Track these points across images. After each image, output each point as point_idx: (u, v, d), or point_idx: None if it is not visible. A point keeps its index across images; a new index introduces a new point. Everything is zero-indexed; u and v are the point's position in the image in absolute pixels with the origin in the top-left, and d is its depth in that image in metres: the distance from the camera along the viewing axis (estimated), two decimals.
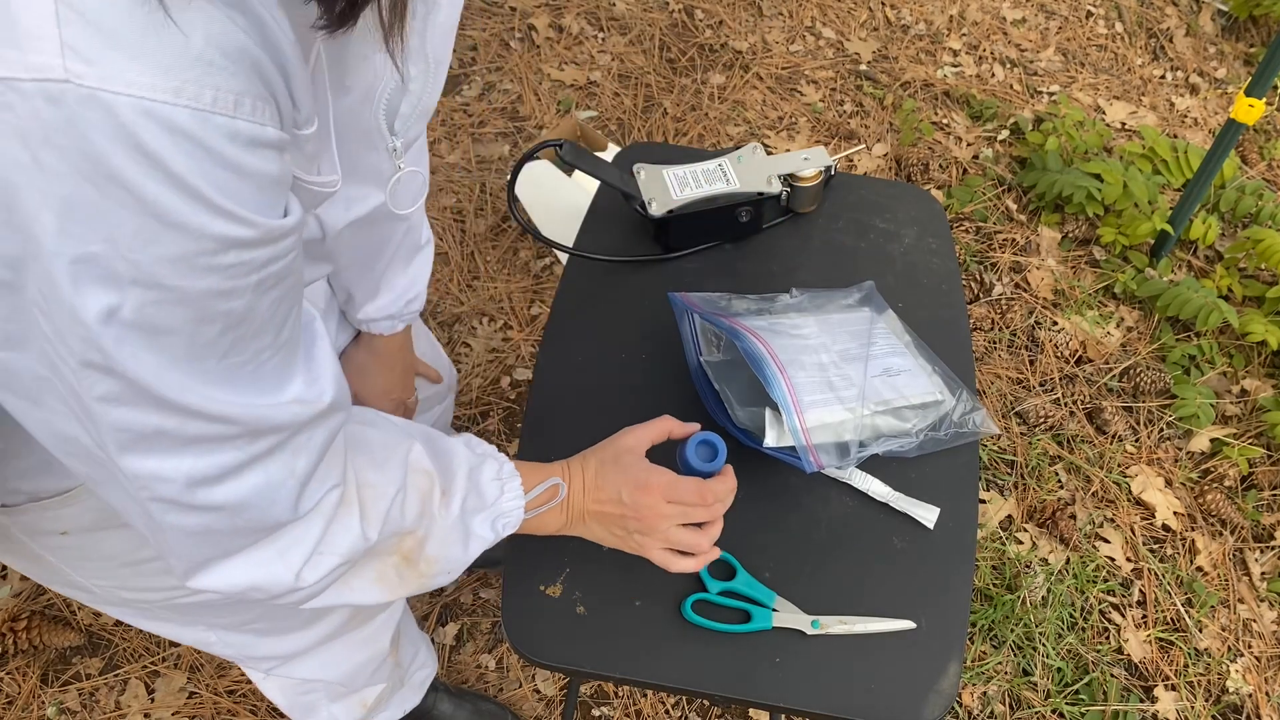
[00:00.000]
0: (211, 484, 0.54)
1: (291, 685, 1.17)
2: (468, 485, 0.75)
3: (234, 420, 0.52)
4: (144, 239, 0.42)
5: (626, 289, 1.18)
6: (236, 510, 0.56)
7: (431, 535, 0.72)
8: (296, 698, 1.19)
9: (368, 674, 1.18)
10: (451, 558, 0.74)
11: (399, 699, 1.36)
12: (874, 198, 1.31)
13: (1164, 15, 3.00)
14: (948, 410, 1.03)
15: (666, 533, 0.82)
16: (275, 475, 0.57)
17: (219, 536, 0.58)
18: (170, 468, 0.51)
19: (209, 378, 0.49)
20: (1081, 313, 2.20)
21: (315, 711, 1.21)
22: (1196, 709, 1.69)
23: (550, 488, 0.81)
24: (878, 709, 0.88)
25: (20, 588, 1.66)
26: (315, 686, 1.17)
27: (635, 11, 2.72)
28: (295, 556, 0.62)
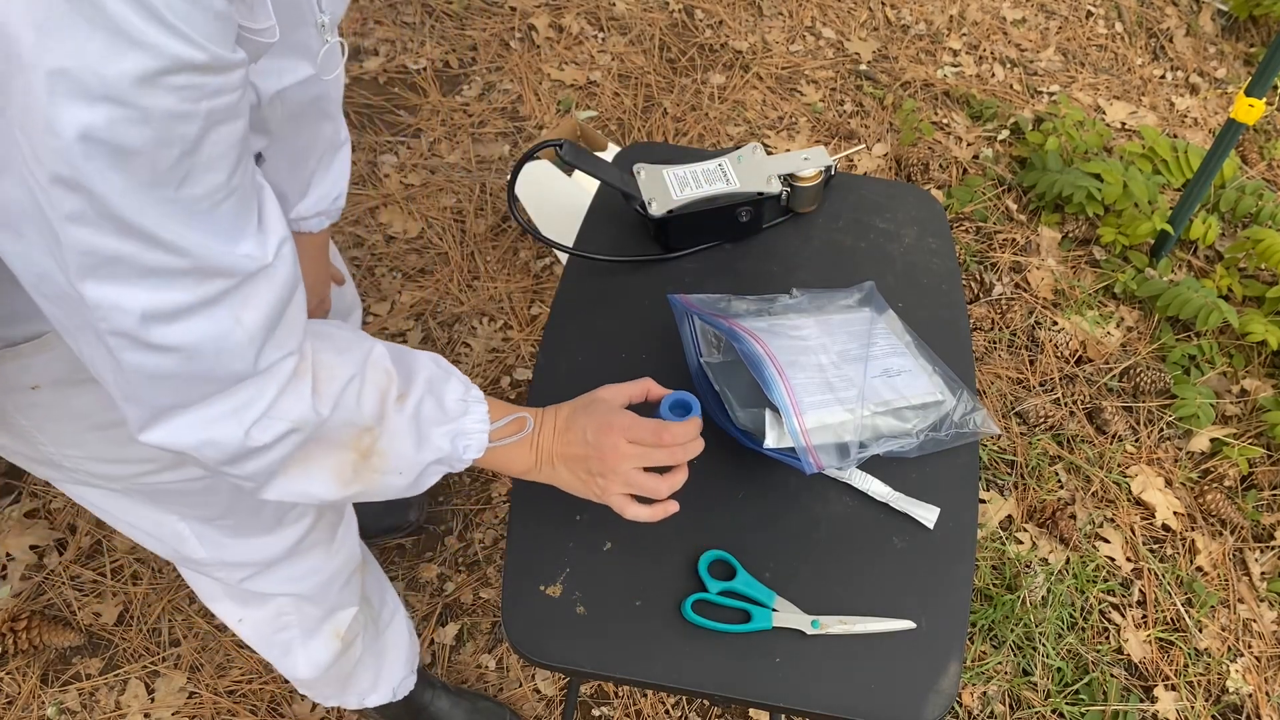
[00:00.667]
0: (165, 321, 0.58)
1: (265, 622, 1.17)
2: (425, 391, 0.77)
3: (187, 253, 0.56)
4: (111, 54, 0.47)
5: (627, 289, 1.18)
6: (190, 354, 0.60)
7: (384, 431, 0.75)
8: (272, 635, 1.19)
9: (338, 588, 1.18)
10: (403, 454, 0.77)
11: (380, 669, 1.35)
12: (874, 198, 1.31)
13: (1164, 15, 3.00)
14: (948, 410, 1.03)
15: (626, 474, 0.84)
16: (223, 323, 0.61)
17: (176, 382, 0.62)
18: (128, 298, 0.56)
19: (168, 209, 0.54)
20: (1081, 313, 2.20)
21: (290, 650, 1.22)
22: (1196, 709, 1.69)
23: (516, 420, 0.84)
24: (878, 709, 0.88)
25: (20, 588, 1.66)
26: (289, 621, 1.17)
27: (635, 11, 2.72)
28: (247, 416, 0.65)
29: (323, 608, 1.18)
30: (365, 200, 2.23)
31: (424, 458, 0.78)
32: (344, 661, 1.26)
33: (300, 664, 1.22)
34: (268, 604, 1.14)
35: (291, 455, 0.71)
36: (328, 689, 1.32)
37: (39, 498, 1.76)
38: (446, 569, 1.74)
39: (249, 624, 1.17)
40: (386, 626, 1.34)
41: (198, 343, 0.61)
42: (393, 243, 2.17)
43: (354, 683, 1.33)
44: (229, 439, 0.66)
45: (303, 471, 0.73)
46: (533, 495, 1.00)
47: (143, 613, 1.66)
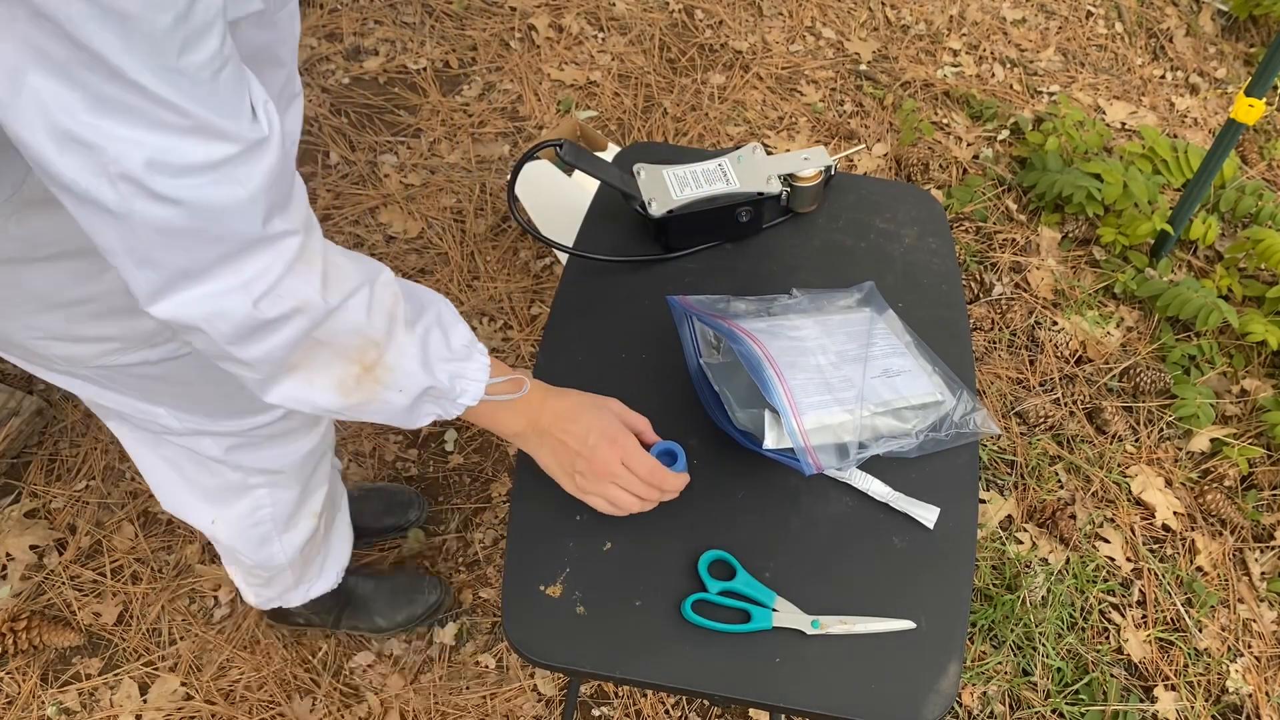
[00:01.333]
0: (172, 174, 0.60)
1: (240, 518, 1.18)
2: (434, 323, 0.81)
3: (191, 115, 0.59)
4: None
5: (626, 289, 1.18)
6: (196, 210, 0.62)
7: (391, 345, 0.78)
8: (247, 530, 1.21)
9: (314, 464, 1.20)
10: (409, 372, 0.79)
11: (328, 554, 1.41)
12: (874, 198, 1.31)
13: (1164, 15, 3.00)
14: (948, 410, 1.03)
15: (606, 489, 0.91)
16: (227, 185, 0.63)
17: (186, 239, 0.64)
18: (136, 138, 0.58)
19: (175, 80, 0.57)
20: (1081, 313, 2.20)
21: (267, 540, 1.24)
22: (1196, 709, 1.69)
23: (513, 380, 0.87)
24: (878, 709, 0.88)
25: (20, 588, 1.66)
26: (264, 515, 1.19)
27: (635, 11, 2.72)
28: (256, 287, 0.68)
29: (299, 488, 1.20)
30: (365, 200, 2.23)
31: (426, 380, 0.81)
32: (312, 542, 1.31)
33: (276, 550, 1.26)
34: (243, 498, 1.16)
35: (298, 347, 0.73)
36: (290, 578, 1.36)
37: (39, 498, 1.76)
38: (446, 569, 1.74)
39: (222, 523, 1.19)
40: (338, 510, 1.39)
41: (204, 200, 0.63)
42: (393, 243, 2.17)
43: (309, 568, 1.38)
44: (238, 309, 0.67)
45: (307, 376, 0.76)
46: (533, 496, 1.00)
47: (142, 613, 1.66)
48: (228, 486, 1.15)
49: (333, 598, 1.54)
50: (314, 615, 1.57)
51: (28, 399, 1.80)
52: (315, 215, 0.77)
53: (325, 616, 1.59)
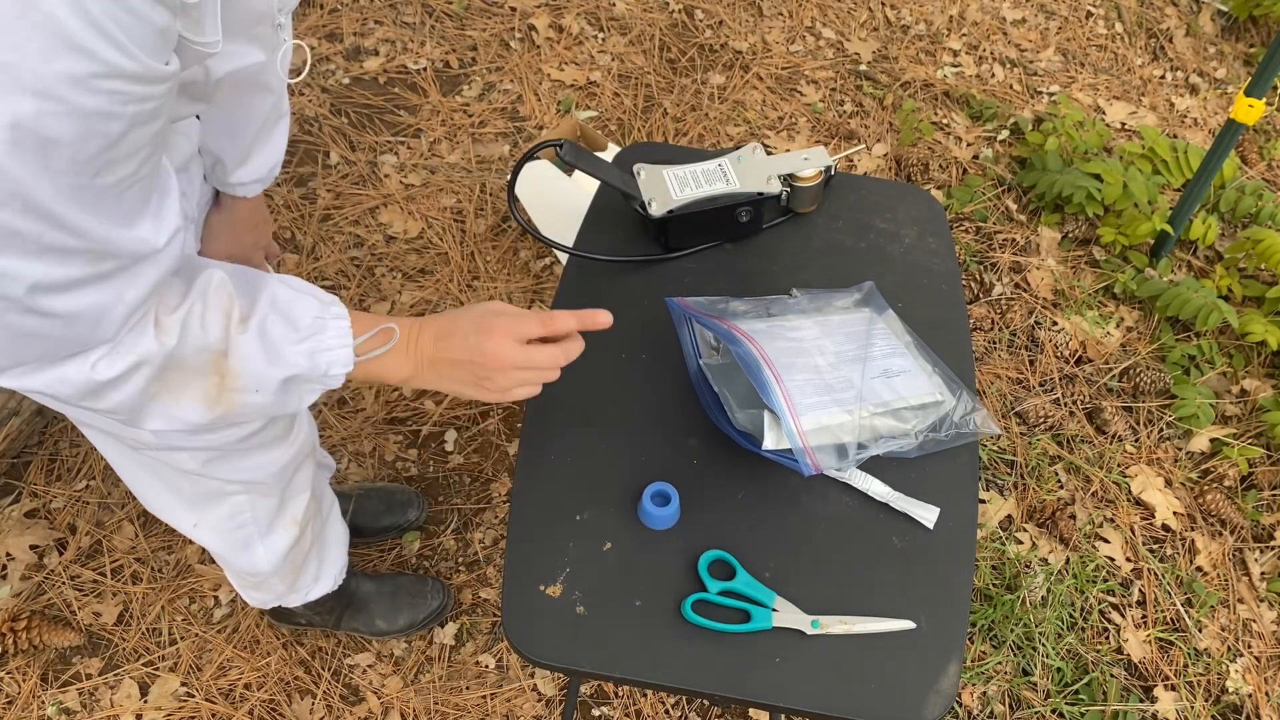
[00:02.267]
0: (54, 293, 0.62)
1: (221, 521, 1.19)
2: (269, 310, 0.79)
3: (87, 235, 0.61)
4: (49, 54, 0.52)
5: (626, 289, 1.18)
6: (70, 321, 0.65)
7: (232, 352, 0.78)
8: (229, 534, 1.21)
9: (292, 473, 1.20)
10: (255, 373, 0.79)
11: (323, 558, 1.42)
12: (874, 198, 1.31)
13: (1164, 15, 3.00)
14: (948, 411, 1.03)
15: (510, 375, 0.87)
16: (108, 297, 0.66)
17: (44, 344, 0.66)
18: (21, 269, 0.60)
19: (78, 195, 0.59)
20: (1081, 313, 2.20)
21: (250, 545, 1.24)
22: (1196, 709, 1.69)
23: (383, 331, 0.84)
24: (878, 709, 0.88)
25: (20, 588, 1.66)
26: (244, 519, 1.19)
27: (635, 11, 2.72)
28: (92, 355, 0.70)
29: (278, 497, 1.21)
30: (365, 200, 2.23)
31: (277, 373, 0.79)
32: (298, 549, 1.31)
33: (260, 556, 1.26)
34: (222, 503, 1.17)
35: (150, 386, 0.74)
36: (280, 585, 1.37)
37: (39, 497, 1.76)
38: (446, 569, 1.74)
39: (204, 527, 1.19)
40: (329, 515, 1.39)
41: (80, 311, 0.65)
42: (393, 243, 2.17)
43: (303, 574, 1.39)
44: (76, 376, 0.70)
45: (172, 400, 0.77)
46: (533, 496, 1.00)
47: (142, 613, 1.66)
48: (206, 493, 1.15)
49: (334, 599, 1.54)
50: (314, 616, 1.57)
51: (28, 399, 1.80)
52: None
53: (326, 617, 1.59)
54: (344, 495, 1.68)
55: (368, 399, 1.92)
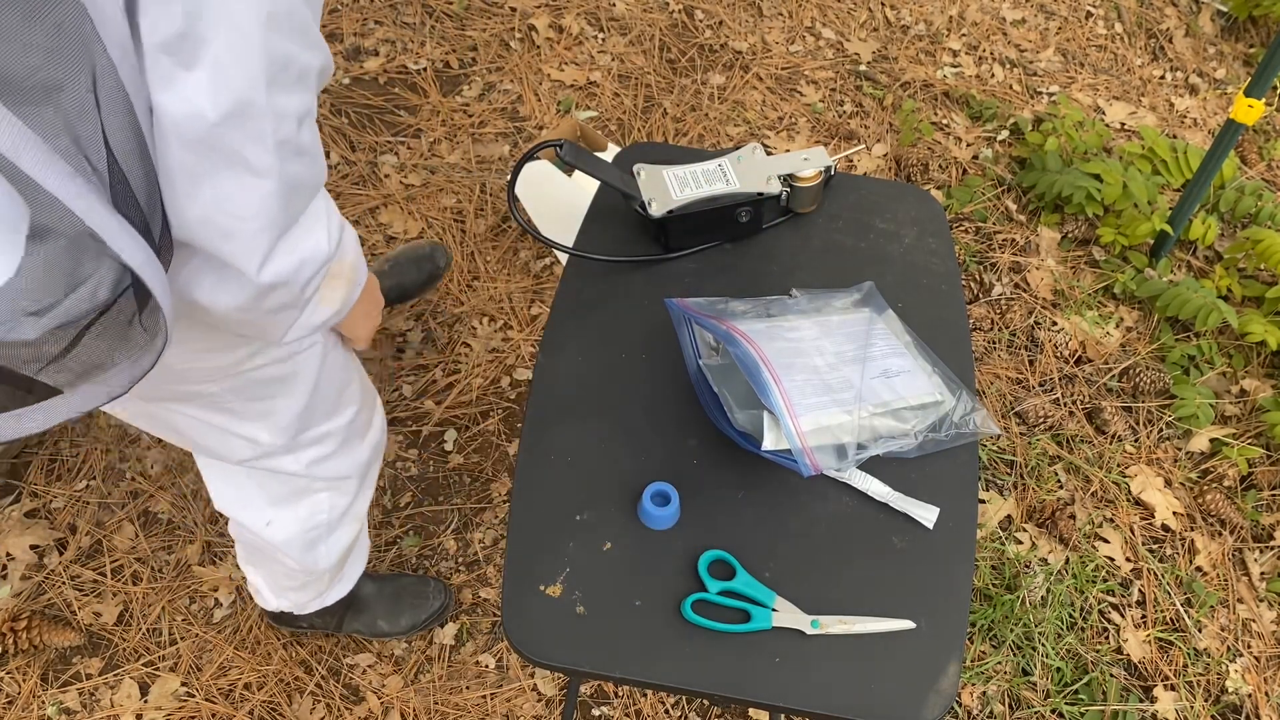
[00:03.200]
0: (304, 122, 0.70)
1: (298, 520, 1.22)
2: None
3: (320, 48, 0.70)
4: None
5: (626, 289, 1.18)
6: (312, 157, 0.73)
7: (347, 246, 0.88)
8: (302, 534, 1.25)
9: (367, 466, 1.26)
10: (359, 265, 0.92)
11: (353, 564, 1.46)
12: (874, 198, 1.31)
13: (1163, 16, 3.00)
14: (947, 411, 1.03)
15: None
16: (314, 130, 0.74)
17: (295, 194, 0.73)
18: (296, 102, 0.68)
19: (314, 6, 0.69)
20: (1081, 313, 2.20)
21: (315, 544, 1.28)
22: (1196, 709, 1.69)
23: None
24: (877, 709, 0.88)
25: (20, 588, 1.66)
26: (320, 519, 1.23)
27: (635, 12, 2.72)
28: (333, 224, 0.81)
29: (354, 495, 1.25)
30: (365, 200, 2.23)
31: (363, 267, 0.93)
32: (353, 548, 1.36)
33: (322, 554, 1.29)
34: (303, 501, 1.21)
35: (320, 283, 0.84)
36: (323, 584, 1.40)
37: (39, 497, 1.76)
38: (446, 569, 1.74)
39: (278, 525, 1.21)
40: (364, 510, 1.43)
41: (312, 143, 0.72)
42: (393, 243, 2.17)
43: (348, 570, 1.43)
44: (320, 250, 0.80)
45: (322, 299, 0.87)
46: (533, 496, 1.00)
47: (143, 613, 1.66)
48: (294, 491, 1.18)
49: (339, 603, 1.54)
50: (317, 619, 1.57)
51: None
52: None
53: (329, 620, 1.58)
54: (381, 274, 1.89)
55: None
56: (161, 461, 1.81)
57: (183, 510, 1.76)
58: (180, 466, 1.81)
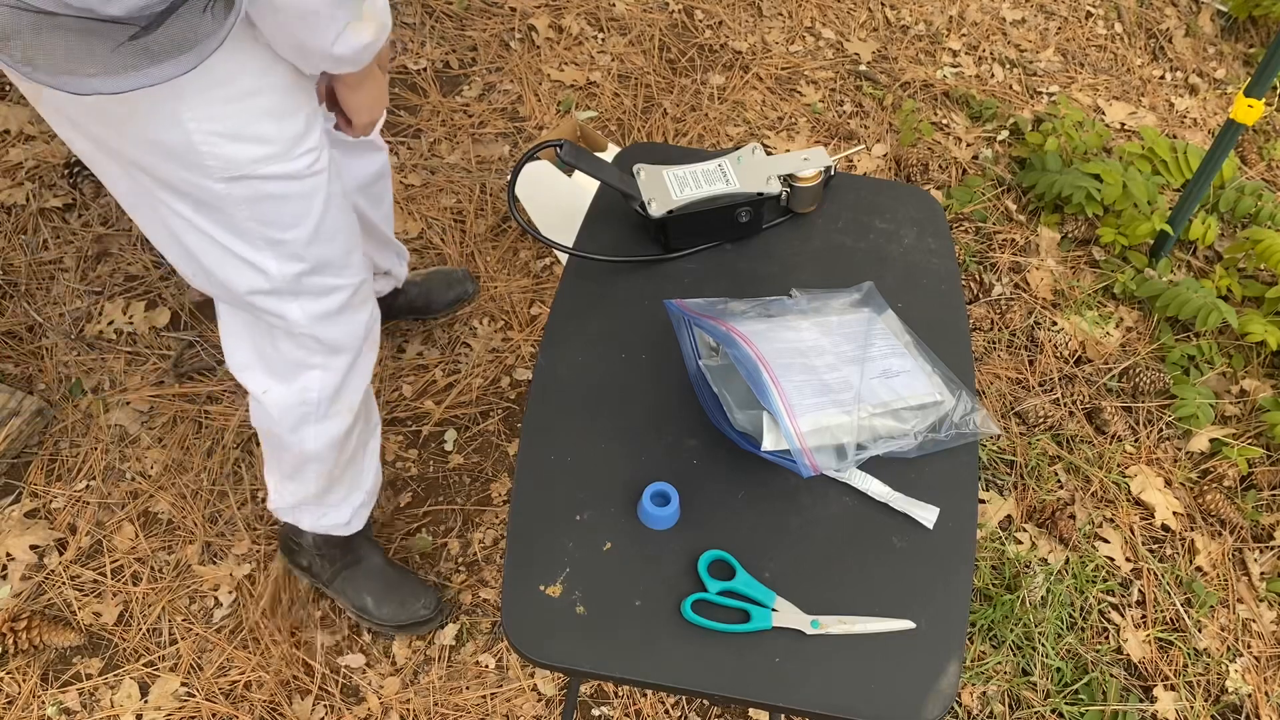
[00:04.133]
0: None
1: (290, 394, 1.27)
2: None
3: None
4: None
5: (626, 289, 1.18)
6: None
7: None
8: (293, 407, 1.29)
9: (361, 342, 1.29)
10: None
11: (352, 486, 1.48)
12: (874, 198, 1.31)
13: (1163, 16, 3.00)
14: (947, 411, 1.03)
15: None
16: None
17: None
18: None
19: None
20: (1081, 313, 2.20)
21: (304, 423, 1.32)
22: (1196, 709, 1.69)
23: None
24: (877, 709, 0.88)
25: (20, 588, 1.66)
26: (310, 397, 1.27)
27: (635, 12, 2.72)
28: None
29: (343, 375, 1.28)
30: None
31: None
32: (345, 445, 1.38)
33: (310, 435, 1.33)
34: (298, 378, 1.25)
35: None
36: (314, 485, 1.43)
37: (39, 498, 1.76)
38: (446, 569, 1.74)
39: (273, 395, 1.28)
40: (370, 438, 1.46)
41: None
42: None
43: (336, 487, 1.45)
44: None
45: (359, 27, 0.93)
46: (533, 496, 1.00)
47: (143, 613, 1.66)
48: (289, 363, 1.24)
49: (340, 549, 1.58)
50: (318, 556, 1.59)
51: (28, 399, 1.80)
52: None
53: (326, 565, 1.60)
54: (411, 283, 1.93)
55: None
56: (161, 462, 1.82)
57: (183, 510, 1.76)
58: (180, 466, 1.81)
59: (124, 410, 1.87)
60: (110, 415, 1.86)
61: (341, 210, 1.15)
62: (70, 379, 1.90)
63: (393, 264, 1.83)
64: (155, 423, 1.86)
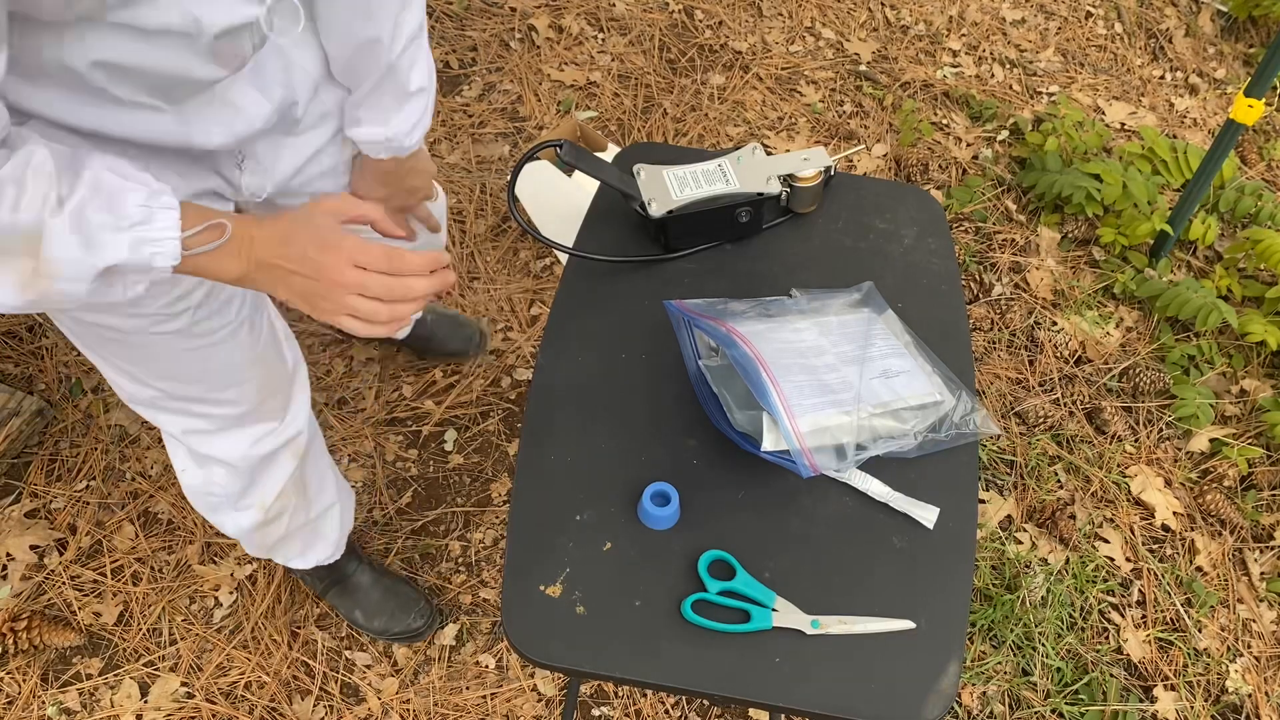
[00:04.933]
0: None
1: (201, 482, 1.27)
2: (91, 194, 0.75)
3: None
4: None
5: (626, 289, 1.18)
6: None
7: (45, 235, 0.74)
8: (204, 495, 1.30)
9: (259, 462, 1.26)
10: (69, 259, 0.75)
11: (308, 546, 1.48)
12: (874, 198, 1.31)
13: (1163, 16, 3.00)
14: (947, 411, 1.03)
15: (345, 301, 0.83)
16: None
17: None
18: None
19: None
20: (1081, 313, 2.20)
21: (218, 510, 1.32)
22: (1196, 709, 1.69)
23: (213, 227, 0.81)
24: (878, 709, 0.88)
25: (20, 588, 1.66)
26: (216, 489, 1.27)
27: (635, 12, 2.72)
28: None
29: (245, 483, 1.28)
30: None
31: (95, 262, 0.76)
32: (267, 532, 1.38)
33: (227, 522, 1.34)
34: (201, 468, 1.25)
35: None
36: (252, 548, 1.45)
37: (39, 498, 1.76)
38: (446, 569, 1.74)
39: (187, 477, 1.28)
40: (320, 515, 1.45)
41: None
42: None
43: (279, 550, 1.46)
44: None
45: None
46: (533, 496, 1.00)
47: (143, 613, 1.66)
48: (190, 455, 1.24)
49: (325, 571, 1.60)
50: (305, 574, 1.63)
51: (28, 399, 1.80)
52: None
53: (316, 582, 1.64)
54: (419, 320, 1.88)
55: (368, 399, 1.92)
56: (161, 462, 1.81)
57: (183, 510, 1.76)
58: None
59: (124, 410, 1.86)
60: (110, 415, 1.86)
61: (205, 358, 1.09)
62: (70, 379, 1.90)
63: None
64: None
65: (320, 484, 1.42)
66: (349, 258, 0.82)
